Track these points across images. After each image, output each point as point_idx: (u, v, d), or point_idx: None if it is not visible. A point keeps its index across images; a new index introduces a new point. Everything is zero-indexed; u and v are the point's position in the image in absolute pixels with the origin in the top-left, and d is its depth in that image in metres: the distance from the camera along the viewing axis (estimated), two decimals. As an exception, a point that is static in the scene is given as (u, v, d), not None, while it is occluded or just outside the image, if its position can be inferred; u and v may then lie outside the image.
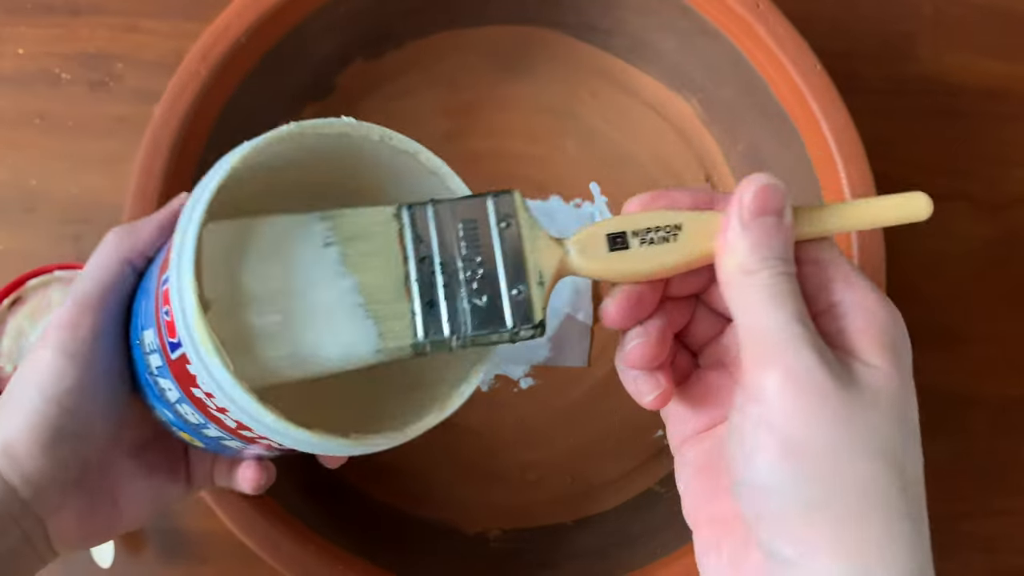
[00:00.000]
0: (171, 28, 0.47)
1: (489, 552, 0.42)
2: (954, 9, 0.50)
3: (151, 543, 0.43)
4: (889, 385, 0.23)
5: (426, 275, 0.25)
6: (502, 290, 0.25)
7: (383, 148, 0.29)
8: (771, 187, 0.24)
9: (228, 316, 0.25)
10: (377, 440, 0.27)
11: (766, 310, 0.23)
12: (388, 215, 0.26)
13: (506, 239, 0.25)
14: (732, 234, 0.24)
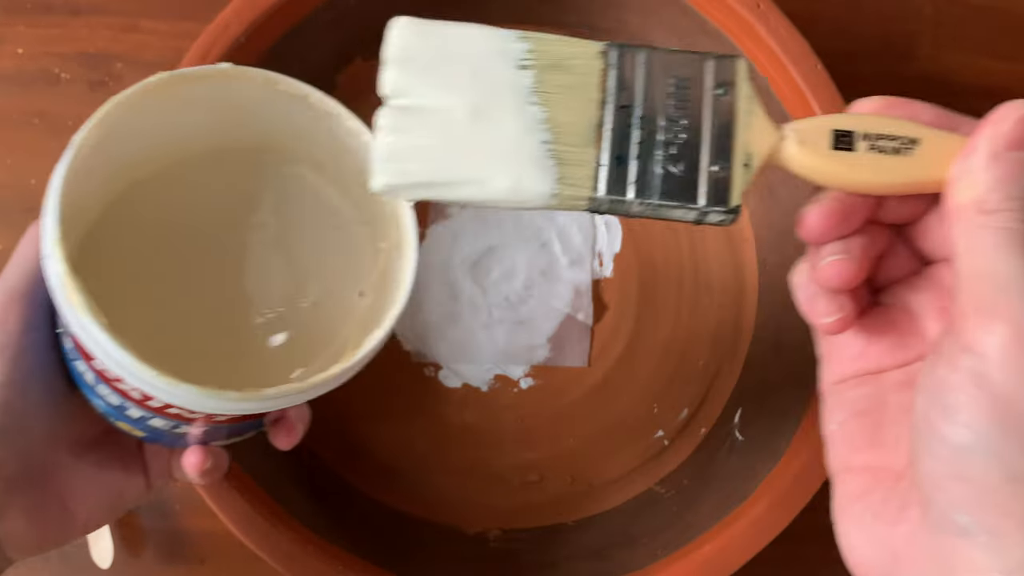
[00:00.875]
0: (171, 28, 0.47)
1: (489, 552, 0.42)
2: (955, 9, 0.50)
3: (150, 543, 0.43)
4: None
5: (622, 126, 0.22)
6: (702, 162, 0.22)
7: (277, 99, 0.31)
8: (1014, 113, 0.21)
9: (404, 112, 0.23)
10: (274, 393, 0.27)
11: (1001, 255, 0.20)
12: (595, 51, 0.23)
13: (719, 108, 0.23)
14: (976, 163, 0.21)
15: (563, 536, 0.43)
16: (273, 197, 0.34)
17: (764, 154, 0.23)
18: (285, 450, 0.33)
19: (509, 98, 0.23)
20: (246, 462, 0.38)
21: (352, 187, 0.34)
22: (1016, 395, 0.20)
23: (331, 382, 0.28)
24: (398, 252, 0.31)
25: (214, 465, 0.31)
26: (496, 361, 0.45)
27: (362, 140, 0.32)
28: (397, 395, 0.44)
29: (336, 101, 0.31)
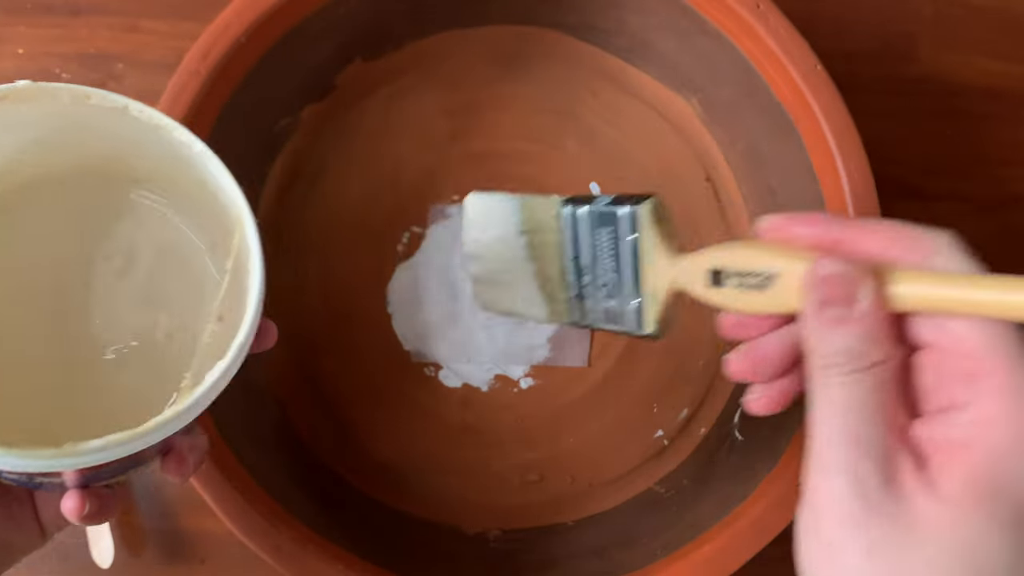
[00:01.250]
0: (171, 28, 0.47)
1: (489, 552, 0.42)
2: (954, 10, 0.50)
3: (151, 543, 0.43)
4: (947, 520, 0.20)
5: (576, 272, 0.29)
6: (626, 298, 0.27)
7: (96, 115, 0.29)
8: (830, 276, 0.22)
9: None
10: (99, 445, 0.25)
11: (819, 415, 0.22)
12: (555, 210, 0.29)
13: (633, 252, 0.27)
14: (801, 323, 0.23)
15: (563, 536, 0.43)
16: (116, 223, 0.33)
17: (664, 290, 0.26)
18: (179, 483, 0.31)
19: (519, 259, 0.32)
20: (246, 462, 0.38)
21: (195, 204, 0.32)
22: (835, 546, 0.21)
23: (168, 425, 0.26)
24: (245, 272, 0.29)
25: (98, 509, 0.29)
26: (496, 361, 0.45)
27: (195, 151, 0.30)
28: (397, 395, 0.44)
29: (159, 112, 0.29)
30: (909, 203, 0.48)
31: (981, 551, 0.20)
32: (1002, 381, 0.20)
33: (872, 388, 0.22)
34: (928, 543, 0.20)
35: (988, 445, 0.20)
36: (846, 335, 0.22)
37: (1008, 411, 0.20)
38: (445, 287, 0.45)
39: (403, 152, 0.46)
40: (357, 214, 0.46)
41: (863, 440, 0.21)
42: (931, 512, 0.20)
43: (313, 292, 0.45)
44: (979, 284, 0.21)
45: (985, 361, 0.21)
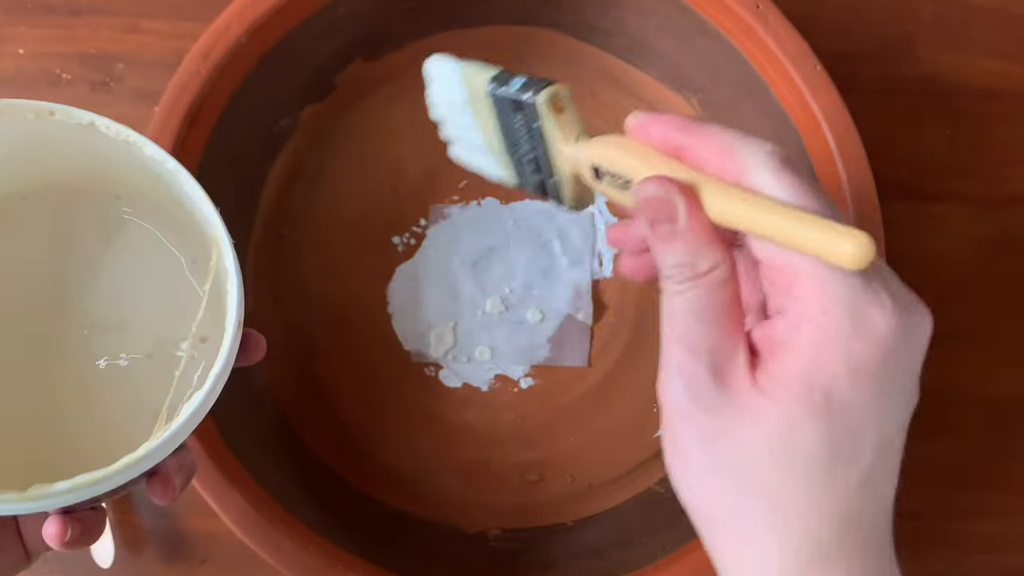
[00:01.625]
0: (172, 28, 0.47)
1: (489, 552, 0.42)
2: (953, 10, 0.50)
3: (151, 543, 0.43)
4: (770, 414, 0.23)
5: (509, 145, 0.29)
6: (544, 175, 0.29)
7: (64, 131, 0.29)
8: (650, 198, 0.24)
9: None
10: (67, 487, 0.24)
11: (663, 323, 0.25)
12: (485, 85, 0.29)
13: (540, 137, 0.28)
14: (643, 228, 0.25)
15: (563, 536, 0.43)
16: (96, 238, 0.32)
17: (568, 172, 0.28)
18: (166, 505, 0.30)
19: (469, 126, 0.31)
20: (246, 462, 0.38)
21: (173, 221, 0.32)
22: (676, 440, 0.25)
23: (142, 463, 0.25)
24: (223, 293, 0.29)
25: (81, 534, 0.28)
26: (496, 361, 0.45)
27: (168, 168, 0.29)
28: (397, 395, 0.45)
29: (127, 128, 0.29)
30: (909, 203, 0.48)
31: (796, 434, 0.23)
32: (807, 289, 0.23)
33: (703, 295, 0.24)
34: (751, 431, 0.23)
35: (800, 344, 0.23)
36: (674, 249, 0.24)
37: (812, 315, 0.23)
38: (445, 287, 0.45)
39: (403, 152, 0.46)
40: (357, 214, 0.46)
41: (695, 344, 0.24)
42: (754, 404, 0.23)
43: (313, 292, 0.45)
44: (763, 210, 0.23)
45: (795, 272, 0.23)
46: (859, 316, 0.22)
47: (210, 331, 0.31)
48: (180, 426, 0.26)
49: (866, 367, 0.22)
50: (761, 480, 0.23)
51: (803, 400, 0.23)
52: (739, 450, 0.23)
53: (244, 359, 0.31)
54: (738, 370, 0.24)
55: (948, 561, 0.46)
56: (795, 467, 0.23)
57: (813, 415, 0.22)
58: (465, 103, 0.30)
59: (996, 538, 0.47)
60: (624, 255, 0.30)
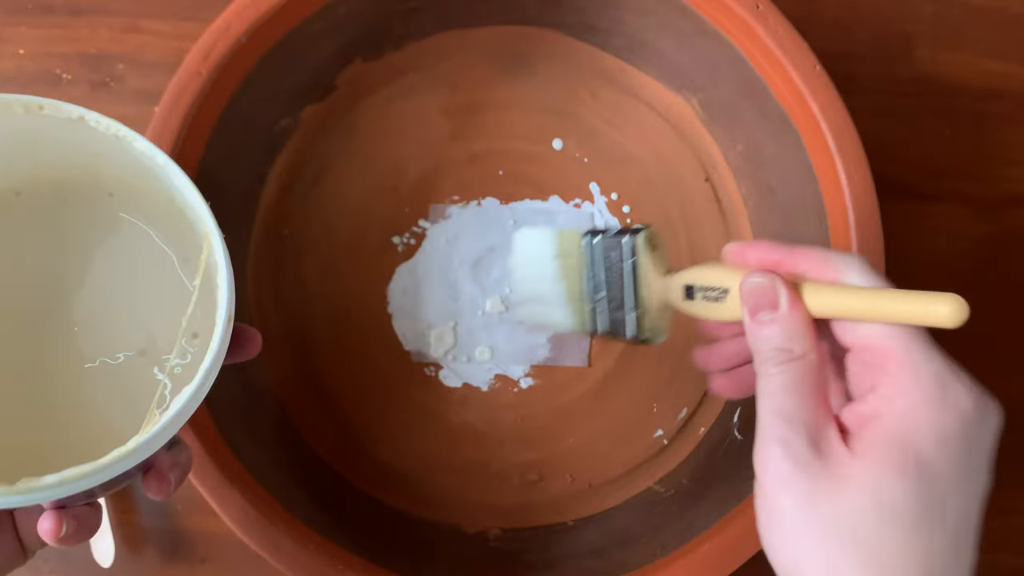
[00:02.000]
0: (172, 28, 0.47)
1: (489, 551, 0.42)
2: (953, 10, 0.50)
3: (152, 542, 0.43)
4: (864, 474, 0.25)
5: (591, 290, 0.35)
6: (627, 310, 0.34)
7: (53, 126, 0.29)
8: (754, 287, 0.28)
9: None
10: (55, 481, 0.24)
11: (760, 401, 0.27)
12: (579, 240, 0.35)
13: (632, 272, 0.33)
14: (745, 329, 0.28)
15: (563, 535, 0.43)
16: (89, 235, 0.32)
17: (654, 302, 0.33)
18: (159, 500, 0.30)
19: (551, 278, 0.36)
20: (246, 461, 0.38)
21: (164, 217, 0.32)
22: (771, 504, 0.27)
23: (132, 456, 0.25)
24: (213, 288, 0.28)
25: (76, 529, 0.28)
26: (496, 361, 0.45)
27: (158, 162, 0.29)
28: (398, 395, 0.45)
29: (117, 122, 0.28)
30: (908, 203, 0.48)
31: (889, 494, 0.25)
32: (899, 367, 0.26)
33: (798, 375, 0.27)
34: (847, 491, 0.25)
35: (892, 414, 0.25)
36: (773, 333, 0.27)
37: (905, 388, 0.25)
38: (445, 287, 0.45)
39: (403, 152, 0.46)
40: (357, 214, 0.46)
41: (792, 416, 0.26)
42: (849, 467, 0.25)
43: (314, 292, 0.45)
44: (865, 296, 0.27)
45: (887, 353, 0.26)
46: (947, 390, 0.25)
47: (201, 327, 0.31)
48: (169, 420, 0.26)
49: (953, 436, 0.25)
50: (856, 536, 0.25)
51: (896, 463, 0.25)
52: (836, 508, 0.25)
53: (239, 354, 0.31)
54: (832, 439, 0.26)
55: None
56: (888, 524, 0.25)
57: (905, 477, 0.25)
58: (552, 258, 0.36)
59: (996, 538, 0.47)
60: (716, 375, 0.34)
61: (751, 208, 0.46)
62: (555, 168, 0.47)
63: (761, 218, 0.45)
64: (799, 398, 0.27)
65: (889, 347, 0.26)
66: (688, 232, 0.46)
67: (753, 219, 0.46)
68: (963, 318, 0.25)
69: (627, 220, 0.47)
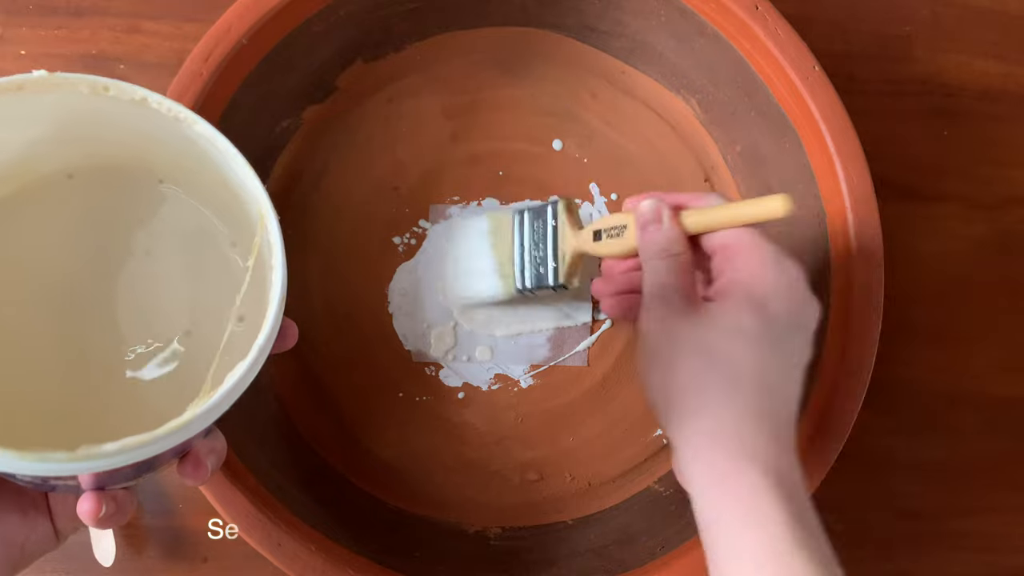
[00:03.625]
0: (173, 29, 0.48)
1: (489, 550, 0.42)
2: (951, 11, 0.50)
3: (153, 541, 0.43)
4: (722, 310, 0.33)
5: (519, 253, 0.41)
6: (548, 263, 0.40)
7: (115, 107, 0.29)
8: (646, 207, 0.36)
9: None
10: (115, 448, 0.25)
11: (645, 284, 0.36)
12: (507, 219, 0.42)
13: (554, 232, 0.41)
14: (637, 239, 0.37)
15: (563, 534, 0.43)
16: (138, 219, 0.32)
17: (571, 252, 0.40)
18: (195, 486, 0.31)
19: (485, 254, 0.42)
20: (248, 460, 0.39)
21: (216, 200, 0.32)
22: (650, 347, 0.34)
23: (186, 429, 0.26)
24: (267, 270, 0.29)
25: (115, 511, 0.29)
26: (496, 361, 0.45)
27: (218, 146, 0.29)
28: (398, 394, 0.45)
29: (179, 104, 0.29)
30: (907, 203, 0.48)
31: (738, 321, 0.33)
32: (747, 250, 0.34)
33: (674, 266, 0.35)
34: (709, 323, 0.33)
35: (743, 278, 0.34)
36: (658, 238, 0.36)
37: (751, 261, 0.34)
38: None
39: (404, 153, 0.46)
40: (358, 214, 0.46)
41: (670, 283, 0.35)
42: (710, 309, 0.33)
43: (315, 292, 0.45)
44: (719, 210, 0.35)
45: (739, 246, 0.34)
46: (780, 262, 0.34)
47: (248, 310, 0.31)
48: (224, 394, 0.26)
49: (785, 293, 0.33)
50: (715, 350, 0.32)
51: (744, 303, 0.33)
52: (701, 334, 0.33)
53: (278, 344, 0.31)
54: (697, 299, 0.35)
55: (948, 561, 0.46)
56: (738, 340, 0.32)
57: (751, 311, 0.33)
58: (485, 234, 0.42)
59: (996, 538, 0.47)
60: (605, 298, 0.42)
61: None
62: (555, 169, 0.47)
63: (760, 218, 0.46)
64: (676, 276, 0.35)
65: (739, 241, 0.34)
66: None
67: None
68: (790, 207, 0.33)
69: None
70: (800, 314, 0.34)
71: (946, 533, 0.46)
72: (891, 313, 0.40)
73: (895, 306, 0.41)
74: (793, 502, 0.30)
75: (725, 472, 0.31)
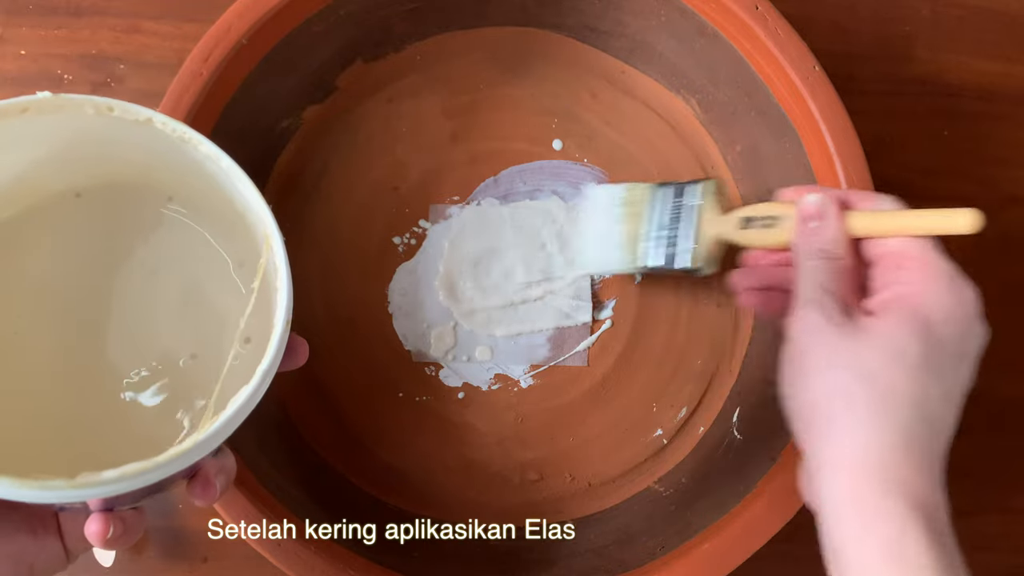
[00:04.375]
0: (173, 29, 0.48)
1: (489, 550, 0.42)
2: (952, 11, 0.50)
3: (153, 541, 0.43)
4: (884, 329, 0.30)
5: (652, 229, 0.40)
6: (680, 245, 0.39)
7: (120, 127, 0.29)
8: (811, 201, 0.34)
9: None
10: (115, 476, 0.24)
11: (801, 281, 0.33)
12: (646, 191, 0.41)
13: (695, 211, 0.39)
14: (795, 233, 0.35)
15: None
16: (144, 238, 0.32)
17: (711, 237, 0.39)
18: (204, 506, 0.30)
19: (614, 222, 0.42)
20: (248, 460, 0.39)
21: (222, 220, 0.32)
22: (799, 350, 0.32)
23: (188, 455, 0.25)
24: (272, 292, 0.28)
25: (122, 532, 0.29)
26: (496, 361, 0.45)
27: (222, 166, 0.29)
28: (398, 394, 0.45)
29: (184, 124, 0.29)
30: (907, 203, 0.48)
31: (900, 344, 0.30)
32: (918, 263, 0.32)
33: (835, 269, 0.33)
34: (867, 340, 0.30)
35: (910, 293, 0.31)
36: (820, 236, 0.33)
37: (922, 276, 0.31)
38: (445, 287, 0.45)
39: (404, 153, 0.46)
40: (358, 214, 0.46)
41: (828, 288, 0.32)
42: (871, 324, 0.31)
43: (315, 292, 0.45)
44: (895, 216, 0.33)
45: (908, 256, 0.32)
46: (954, 280, 0.31)
47: (254, 331, 0.31)
48: (227, 420, 0.26)
49: (956, 317, 0.31)
50: (872, 371, 0.30)
51: (909, 324, 0.30)
52: (858, 351, 0.30)
53: (288, 363, 0.31)
54: (857, 311, 0.32)
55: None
56: (898, 365, 0.30)
57: (915, 335, 0.30)
58: (620, 205, 0.41)
59: (996, 538, 0.47)
60: (746, 292, 0.39)
61: (750, 208, 0.46)
62: (555, 168, 0.47)
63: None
64: (835, 281, 0.32)
65: (909, 252, 0.32)
66: (688, 232, 0.46)
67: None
68: (981, 223, 0.31)
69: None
70: (972, 343, 0.31)
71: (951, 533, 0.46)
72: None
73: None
74: (941, 543, 0.28)
75: (869, 502, 0.29)
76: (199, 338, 0.32)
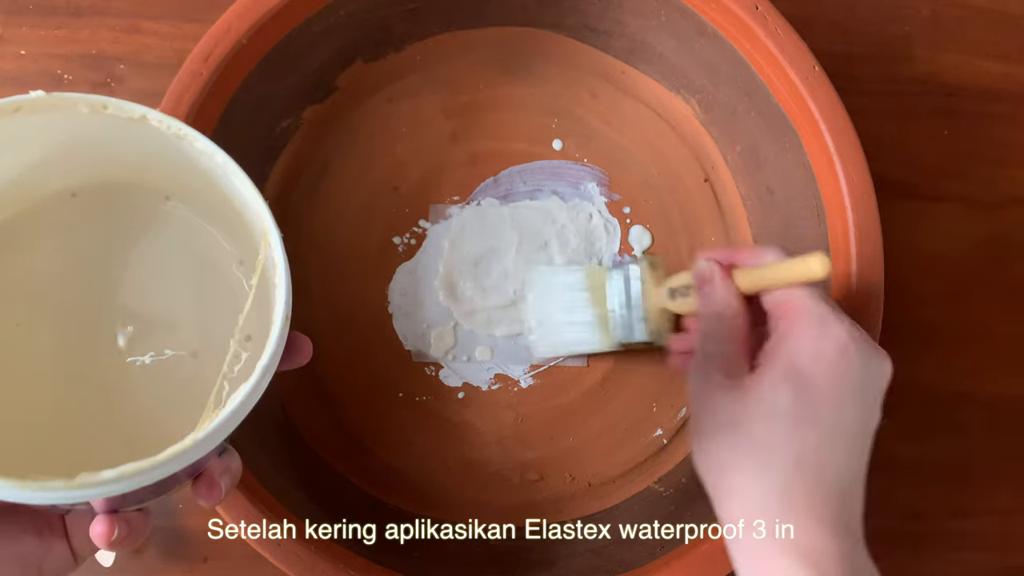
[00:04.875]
0: (173, 29, 0.48)
1: (489, 550, 0.42)
2: (951, 11, 0.50)
3: (153, 541, 0.43)
4: (758, 384, 0.32)
5: (611, 311, 0.42)
6: (635, 321, 0.42)
7: (115, 125, 0.28)
8: (700, 269, 0.37)
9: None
10: (113, 476, 0.24)
11: (696, 343, 0.36)
12: (602, 273, 0.43)
13: (639, 291, 0.42)
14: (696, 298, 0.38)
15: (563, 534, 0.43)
16: (143, 236, 0.32)
17: (653, 310, 0.41)
18: (209, 507, 0.30)
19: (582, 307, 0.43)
20: (248, 460, 0.38)
21: (221, 218, 0.32)
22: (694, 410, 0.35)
23: (188, 454, 0.25)
24: (271, 289, 0.28)
25: (127, 534, 0.29)
26: (496, 361, 0.45)
27: (218, 162, 0.29)
28: (398, 394, 0.45)
29: (180, 121, 0.28)
30: (907, 203, 0.48)
31: (774, 398, 0.32)
32: (794, 312, 0.33)
33: (721, 329, 0.35)
34: (746, 399, 0.32)
35: (785, 344, 0.33)
36: (711, 301, 0.36)
37: (794, 325, 0.33)
38: (445, 287, 0.45)
39: (404, 153, 0.46)
40: (358, 215, 0.46)
41: (712, 353, 0.35)
42: (750, 382, 0.33)
43: (315, 292, 0.45)
44: (765, 270, 0.35)
45: (788, 306, 0.34)
46: (825, 325, 0.32)
47: (255, 329, 0.31)
48: (226, 417, 0.26)
49: (827, 358, 0.32)
50: (751, 432, 0.32)
51: (781, 375, 0.32)
52: (737, 412, 0.32)
53: (290, 361, 0.31)
54: (742, 369, 0.34)
55: (948, 561, 0.46)
56: (774, 421, 0.31)
57: (787, 384, 0.32)
58: (583, 289, 0.43)
59: (996, 538, 0.47)
60: (678, 355, 0.41)
61: (750, 209, 0.46)
62: (554, 168, 0.47)
63: (760, 219, 0.46)
64: (729, 338, 0.35)
65: (790, 301, 0.34)
66: (688, 233, 0.46)
67: (752, 220, 0.46)
68: (828, 269, 0.32)
69: (627, 220, 0.47)
70: (851, 380, 0.32)
71: (947, 533, 0.46)
72: (891, 313, 0.40)
73: (895, 306, 0.41)
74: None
75: (759, 557, 0.30)
76: (202, 335, 0.31)
